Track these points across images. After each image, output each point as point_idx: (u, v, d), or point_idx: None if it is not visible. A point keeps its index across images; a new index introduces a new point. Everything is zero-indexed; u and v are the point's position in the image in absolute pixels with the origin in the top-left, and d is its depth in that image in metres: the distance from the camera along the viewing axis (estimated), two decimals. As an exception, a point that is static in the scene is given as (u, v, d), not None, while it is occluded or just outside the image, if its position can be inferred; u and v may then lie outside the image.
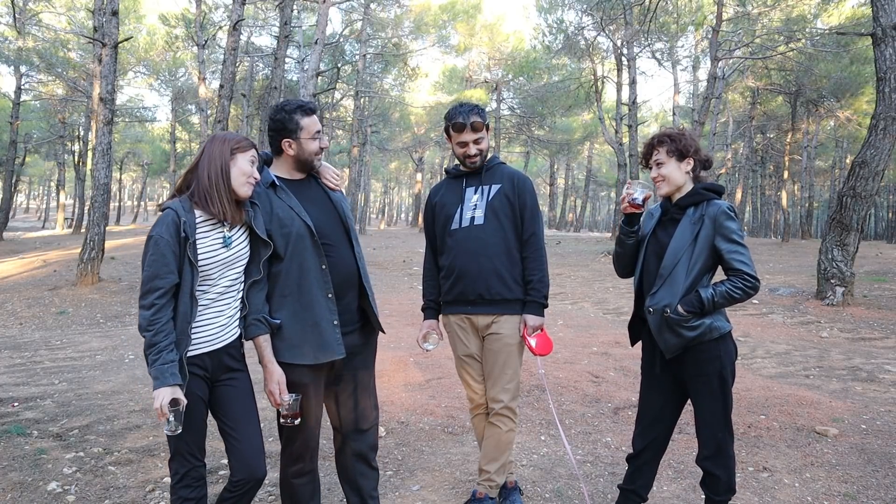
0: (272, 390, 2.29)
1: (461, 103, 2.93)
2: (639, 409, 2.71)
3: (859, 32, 12.50)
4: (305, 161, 2.46)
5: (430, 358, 5.97)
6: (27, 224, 43.70)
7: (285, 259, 2.34)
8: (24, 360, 6.32)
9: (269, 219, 2.34)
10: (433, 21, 28.96)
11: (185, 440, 2.14)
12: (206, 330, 2.19)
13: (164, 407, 2.00)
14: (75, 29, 23.53)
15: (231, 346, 2.27)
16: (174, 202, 2.16)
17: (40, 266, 14.24)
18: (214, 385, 2.25)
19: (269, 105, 16.40)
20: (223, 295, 2.23)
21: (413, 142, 36.57)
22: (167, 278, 2.07)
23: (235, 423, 2.24)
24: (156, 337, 2.04)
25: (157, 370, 2.02)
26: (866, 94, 22.91)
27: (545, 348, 2.88)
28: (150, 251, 2.09)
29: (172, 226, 2.09)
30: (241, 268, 2.27)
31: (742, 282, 2.38)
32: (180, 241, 2.10)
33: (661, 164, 2.53)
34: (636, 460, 2.68)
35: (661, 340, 2.48)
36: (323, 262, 2.36)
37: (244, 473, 2.21)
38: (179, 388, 2.05)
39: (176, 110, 32.90)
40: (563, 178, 53.90)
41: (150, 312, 2.05)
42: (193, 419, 2.15)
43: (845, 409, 4.55)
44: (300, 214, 2.36)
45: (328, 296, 2.36)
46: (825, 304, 9.35)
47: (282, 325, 2.34)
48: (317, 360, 2.34)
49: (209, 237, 2.18)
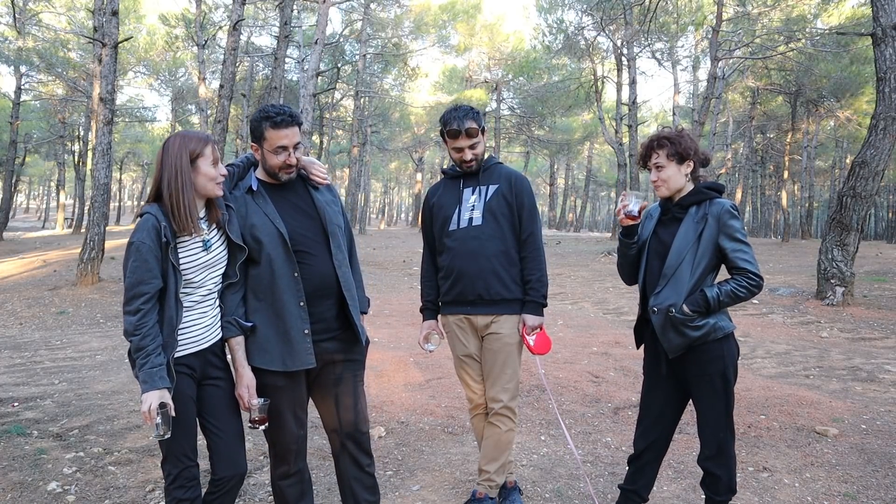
0: (241, 393, 2.30)
1: (456, 107, 2.90)
2: (640, 409, 2.70)
3: (859, 32, 12.50)
4: (270, 171, 2.38)
5: (429, 358, 5.96)
6: (27, 224, 43.70)
7: (259, 265, 2.33)
8: (24, 360, 6.32)
9: (243, 223, 2.32)
10: (433, 21, 28.96)
11: (177, 441, 2.14)
12: (193, 330, 2.20)
13: (153, 410, 1.99)
14: (75, 29, 23.53)
15: (216, 346, 2.29)
16: (152, 207, 2.14)
17: (40, 266, 14.24)
18: (200, 385, 2.26)
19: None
20: (207, 297, 2.25)
21: (413, 142, 36.57)
22: (151, 283, 2.07)
23: (219, 422, 2.25)
24: (143, 341, 2.03)
25: (146, 374, 2.01)
26: (866, 94, 22.91)
27: (544, 347, 2.88)
28: (132, 257, 2.07)
29: (153, 231, 2.08)
30: (222, 270, 2.29)
31: (747, 280, 2.37)
32: (161, 246, 2.09)
33: (661, 168, 2.51)
34: (637, 461, 2.68)
35: (665, 340, 2.47)
36: (295, 269, 2.32)
37: (227, 470, 2.22)
38: (168, 392, 2.05)
39: (176, 110, 32.88)
40: (563, 178, 53.91)
41: (135, 318, 2.04)
42: (185, 419, 2.14)
43: (845, 409, 4.55)
44: (274, 221, 2.32)
45: (300, 304, 2.32)
46: (825, 304, 9.35)
47: (256, 329, 2.34)
48: (286, 367, 2.33)
49: (189, 241, 2.19)
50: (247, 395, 2.30)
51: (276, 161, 2.33)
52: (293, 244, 2.33)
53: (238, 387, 2.32)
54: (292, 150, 2.32)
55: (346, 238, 2.57)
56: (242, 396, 2.31)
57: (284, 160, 2.32)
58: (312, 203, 2.45)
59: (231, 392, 2.33)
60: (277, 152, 2.31)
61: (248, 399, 2.29)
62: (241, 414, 2.35)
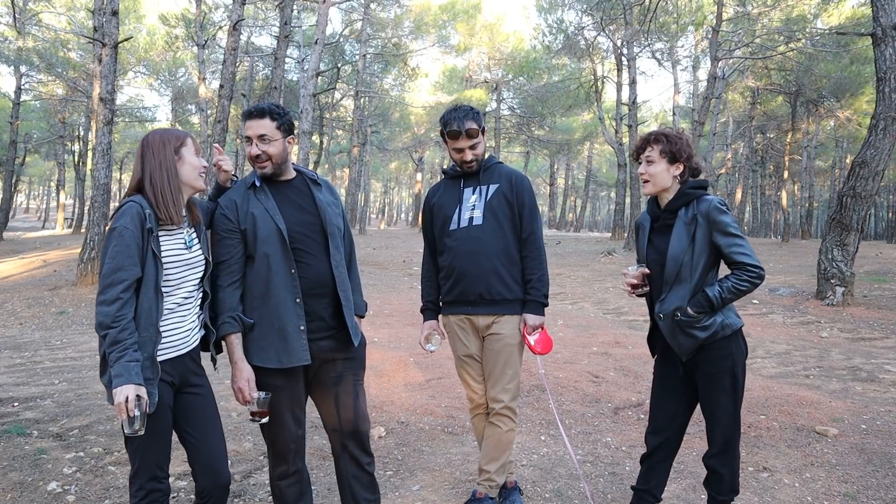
0: (241, 387, 2.28)
1: (456, 107, 2.90)
2: (652, 407, 2.69)
3: (859, 32, 12.50)
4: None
5: (430, 358, 5.96)
6: (27, 224, 43.69)
7: (256, 261, 2.34)
8: (24, 360, 6.32)
9: (244, 218, 2.34)
10: (433, 21, 28.95)
11: (152, 451, 2.05)
12: (173, 335, 2.14)
13: (131, 402, 1.87)
14: (75, 29, 23.54)
15: (193, 352, 2.24)
16: (135, 197, 2.09)
17: (40, 266, 14.24)
18: (179, 393, 2.18)
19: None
20: (187, 300, 2.19)
21: (413, 142, 36.56)
22: (131, 270, 1.98)
23: (200, 432, 2.18)
24: (121, 334, 1.93)
25: (122, 367, 1.90)
26: (866, 94, 22.92)
27: (545, 347, 2.88)
28: (113, 243, 2.00)
29: (137, 217, 2.02)
30: (199, 274, 2.22)
31: (747, 274, 2.36)
32: (144, 233, 2.02)
33: (651, 162, 2.51)
34: (650, 459, 2.67)
35: (675, 344, 2.47)
36: (292, 266, 2.33)
37: (209, 481, 2.17)
38: (144, 389, 1.94)
39: (176, 110, 32.89)
40: (563, 178, 53.92)
41: (113, 308, 1.94)
42: (162, 427, 2.06)
43: (845, 409, 4.55)
44: (274, 217, 2.33)
45: (296, 300, 2.33)
46: (825, 304, 9.35)
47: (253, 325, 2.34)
48: (281, 363, 2.32)
49: (173, 235, 2.15)
50: (247, 388, 2.27)
51: (249, 151, 2.37)
52: (291, 241, 2.34)
53: (237, 381, 2.29)
54: (256, 141, 2.34)
55: (346, 242, 2.57)
56: (242, 390, 2.28)
57: (251, 151, 2.36)
58: (314, 202, 2.46)
59: (211, 400, 2.27)
60: (248, 143, 2.37)
61: (249, 392, 2.27)
62: (221, 423, 2.30)
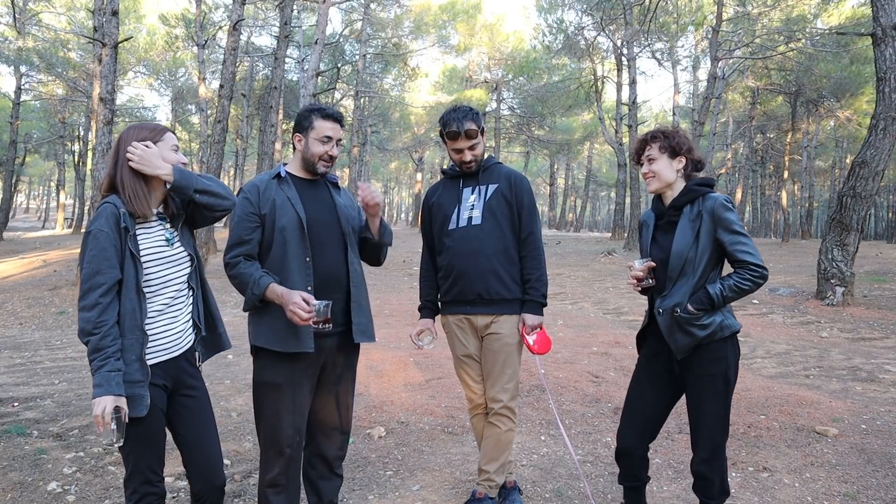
0: (298, 302, 2.22)
1: (455, 108, 2.90)
2: (627, 403, 2.62)
3: (859, 32, 12.51)
4: (309, 160, 2.51)
5: (430, 358, 5.96)
6: (27, 224, 43.69)
7: (273, 246, 2.41)
8: (24, 360, 6.32)
9: (265, 203, 2.41)
10: (433, 21, 28.95)
11: (144, 455, 2.04)
12: (164, 337, 2.10)
13: (108, 415, 1.85)
14: (75, 29, 23.54)
15: (188, 352, 2.20)
16: (110, 196, 2.05)
17: (40, 266, 14.24)
18: (173, 397, 2.15)
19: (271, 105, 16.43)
20: (176, 299, 2.14)
21: (413, 142, 36.54)
22: (109, 273, 1.95)
23: (195, 435, 2.17)
24: (102, 341, 1.90)
25: (103, 377, 1.88)
26: (866, 94, 22.93)
27: (544, 347, 2.87)
28: (89, 247, 1.97)
29: (112, 218, 1.99)
30: (186, 271, 2.17)
31: (749, 273, 2.34)
32: (120, 233, 1.99)
33: (652, 160, 2.51)
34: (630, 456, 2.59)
35: (672, 341, 2.43)
36: (307, 254, 2.40)
37: (204, 483, 2.17)
38: (124, 399, 1.92)
39: (176, 110, 32.90)
40: (562, 178, 53.89)
41: (94, 314, 1.91)
42: (154, 431, 2.05)
43: (845, 409, 4.55)
44: (295, 206, 2.43)
45: (307, 288, 2.37)
46: (825, 304, 9.35)
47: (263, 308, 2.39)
48: (286, 348, 2.36)
49: (152, 233, 2.10)
50: (302, 303, 2.22)
51: (319, 149, 2.47)
52: (310, 232, 2.42)
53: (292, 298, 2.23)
54: (335, 143, 2.50)
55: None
56: (298, 304, 2.22)
57: (327, 150, 2.48)
58: (333, 203, 2.56)
59: (206, 403, 2.24)
60: (324, 141, 2.47)
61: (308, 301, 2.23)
62: (216, 425, 2.27)
